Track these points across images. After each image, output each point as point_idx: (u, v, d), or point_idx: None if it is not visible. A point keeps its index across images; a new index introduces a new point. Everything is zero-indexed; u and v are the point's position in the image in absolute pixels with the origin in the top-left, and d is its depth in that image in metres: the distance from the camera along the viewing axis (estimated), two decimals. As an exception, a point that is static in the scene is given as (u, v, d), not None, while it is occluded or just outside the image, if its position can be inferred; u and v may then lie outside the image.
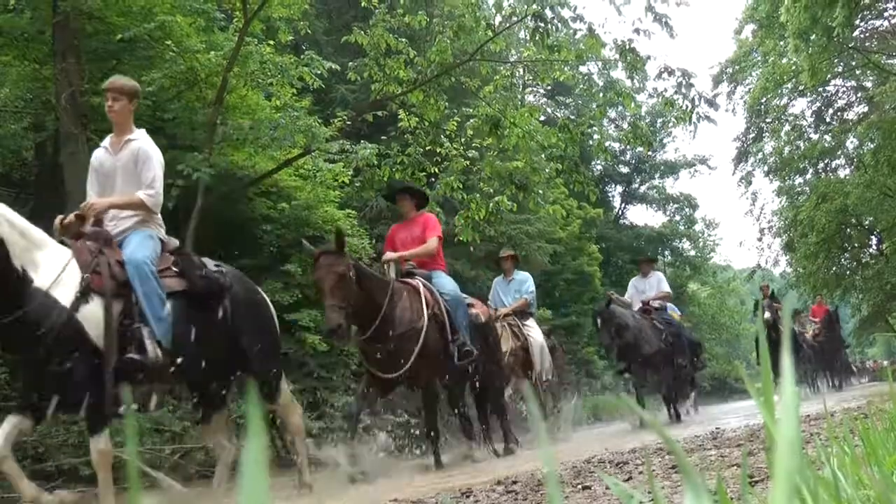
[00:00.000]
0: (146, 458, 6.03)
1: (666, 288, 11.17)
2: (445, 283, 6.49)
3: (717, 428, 6.24)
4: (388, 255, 6.48)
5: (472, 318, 6.66)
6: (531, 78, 16.85)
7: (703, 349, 14.46)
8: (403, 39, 10.16)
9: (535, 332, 8.94)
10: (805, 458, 0.96)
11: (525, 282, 9.31)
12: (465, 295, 6.92)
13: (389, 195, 7.89)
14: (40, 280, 3.79)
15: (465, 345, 6.14)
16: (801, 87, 23.36)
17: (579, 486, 3.05)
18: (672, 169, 33.33)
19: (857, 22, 19.17)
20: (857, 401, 7.03)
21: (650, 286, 11.02)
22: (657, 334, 10.11)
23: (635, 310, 10.51)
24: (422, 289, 6.16)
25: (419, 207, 6.95)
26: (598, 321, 9.72)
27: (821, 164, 27.70)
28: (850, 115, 26.63)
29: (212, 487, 4.75)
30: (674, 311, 13.20)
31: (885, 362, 36.70)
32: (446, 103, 10.70)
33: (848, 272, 27.56)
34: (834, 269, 26.64)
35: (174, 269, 4.43)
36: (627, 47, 10.26)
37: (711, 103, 28.93)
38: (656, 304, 10.82)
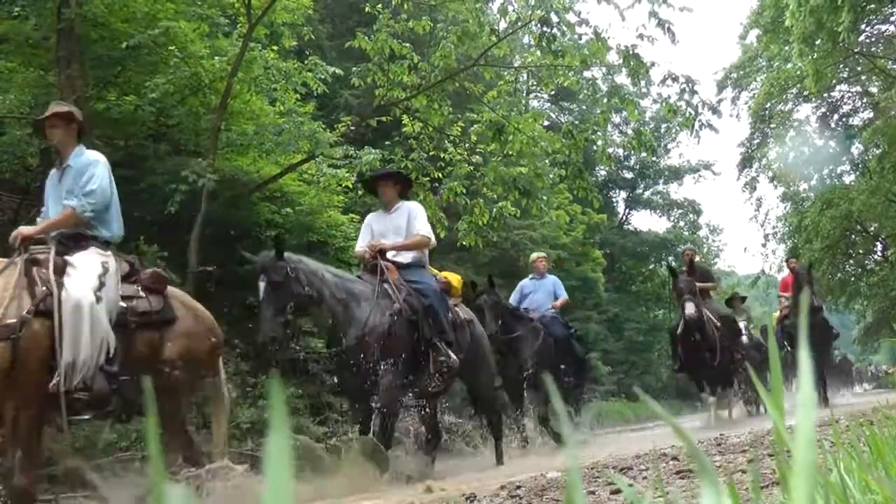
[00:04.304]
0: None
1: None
2: None
3: (721, 434, 6.22)
4: None
5: None
6: (535, 83, 16.88)
7: (579, 354, 10.11)
8: (407, 44, 10.16)
9: (75, 282, 4.11)
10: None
11: (83, 174, 4.49)
12: None
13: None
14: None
15: None
16: (805, 93, 23.33)
17: (584, 492, 3.03)
18: (676, 174, 33.31)
19: (863, 26, 19.17)
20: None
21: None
22: None
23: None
24: None
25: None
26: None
27: (825, 170, 27.66)
28: (856, 120, 26.62)
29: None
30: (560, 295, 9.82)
31: (885, 367, 36.60)
32: (450, 108, 10.70)
33: (852, 278, 27.51)
34: (838, 275, 26.56)
35: None
36: (630, 53, 10.24)
37: (714, 110, 28.92)
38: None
